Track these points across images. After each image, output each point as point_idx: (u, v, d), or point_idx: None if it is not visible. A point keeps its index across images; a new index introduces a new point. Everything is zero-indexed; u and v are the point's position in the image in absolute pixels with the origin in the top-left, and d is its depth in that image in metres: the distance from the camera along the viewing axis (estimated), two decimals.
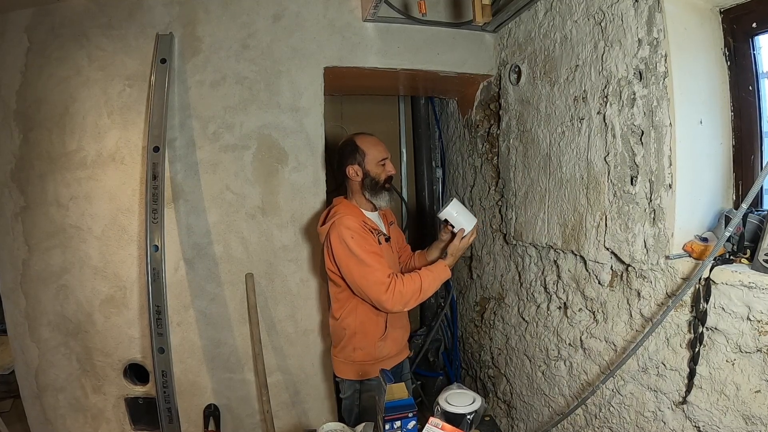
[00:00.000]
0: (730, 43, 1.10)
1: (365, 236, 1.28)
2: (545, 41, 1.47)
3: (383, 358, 1.39)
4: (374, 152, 1.34)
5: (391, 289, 1.24)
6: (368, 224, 1.33)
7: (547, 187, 1.50)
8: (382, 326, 1.37)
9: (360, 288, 1.27)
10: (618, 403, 1.27)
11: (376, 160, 1.33)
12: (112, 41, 1.52)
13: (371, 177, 1.33)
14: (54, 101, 1.52)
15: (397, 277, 1.26)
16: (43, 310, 1.56)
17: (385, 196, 1.36)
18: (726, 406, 0.98)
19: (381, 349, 1.38)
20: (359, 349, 1.37)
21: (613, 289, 1.27)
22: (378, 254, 1.28)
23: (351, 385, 1.41)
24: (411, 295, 1.25)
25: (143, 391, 1.57)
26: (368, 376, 1.37)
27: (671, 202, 1.07)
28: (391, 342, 1.40)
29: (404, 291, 1.24)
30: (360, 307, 1.34)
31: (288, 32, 1.60)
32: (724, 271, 0.96)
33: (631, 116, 1.16)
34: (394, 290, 1.24)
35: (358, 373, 1.38)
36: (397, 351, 1.44)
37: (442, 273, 1.31)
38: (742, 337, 0.94)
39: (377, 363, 1.36)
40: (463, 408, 1.08)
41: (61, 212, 1.53)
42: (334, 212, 1.33)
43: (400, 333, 1.45)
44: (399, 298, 1.24)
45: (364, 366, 1.37)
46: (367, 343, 1.37)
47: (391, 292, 1.24)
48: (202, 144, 1.56)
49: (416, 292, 1.26)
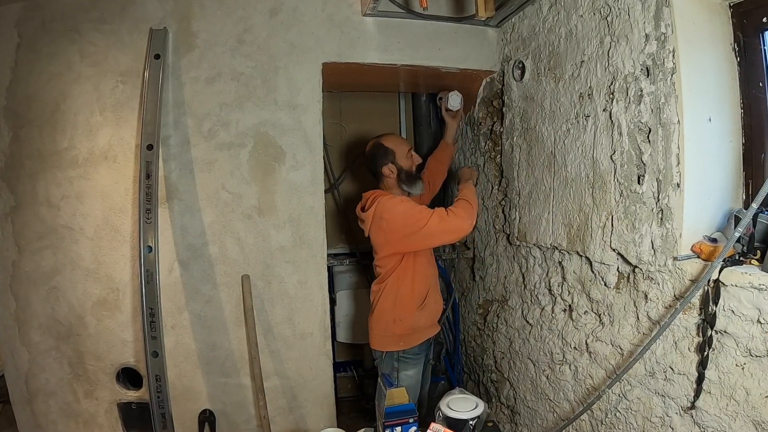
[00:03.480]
0: (740, 39, 1.08)
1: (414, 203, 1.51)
2: (550, 36, 1.44)
3: (421, 329, 1.56)
4: (401, 148, 1.56)
5: (447, 215, 1.41)
6: None
7: (551, 186, 1.48)
8: (423, 294, 1.55)
9: (428, 233, 1.41)
10: (625, 408, 1.25)
11: (404, 153, 1.55)
12: (104, 36, 1.49)
13: (405, 170, 1.56)
14: (45, 98, 1.49)
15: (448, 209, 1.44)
16: (33, 312, 1.52)
17: (420, 183, 1.60)
18: (735, 412, 0.96)
19: (418, 318, 1.55)
20: (398, 321, 1.53)
21: (620, 291, 1.25)
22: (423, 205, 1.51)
23: (390, 358, 1.55)
24: (468, 213, 1.43)
25: (136, 396, 1.55)
26: (409, 345, 1.54)
27: (679, 201, 1.05)
28: (428, 311, 1.58)
29: (459, 214, 1.41)
30: (404, 276, 1.52)
31: (285, 27, 1.57)
32: (733, 272, 0.94)
33: (638, 113, 1.14)
34: (451, 214, 1.41)
35: (398, 343, 1.54)
36: (431, 323, 1.62)
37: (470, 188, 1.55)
38: (752, 340, 0.92)
39: (416, 333, 1.55)
40: (465, 413, 1.07)
41: (52, 212, 1.50)
42: (378, 194, 1.52)
43: (435, 305, 1.62)
44: (458, 221, 1.40)
45: (404, 336, 1.54)
46: (406, 313, 1.53)
47: (449, 216, 1.41)
48: (197, 142, 1.54)
49: (470, 208, 1.45)
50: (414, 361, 1.57)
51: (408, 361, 1.56)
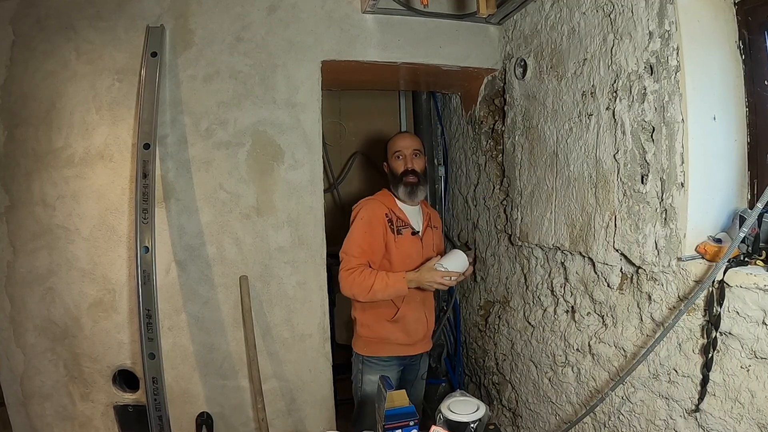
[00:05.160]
0: (745, 36, 1.07)
1: (374, 228, 1.41)
2: (552, 34, 1.43)
3: (391, 342, 1.46)
4: (392, 146, 1.50)
5: (350, 272, 1.35)
6: (395, 214, 1.46)
7: (553, 186, 1.47)
8: (394, 308, 1.45)
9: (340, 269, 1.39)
10: (628, 411, 1.24)
11: (392, 154, 1.49)
12: (100, 34, 1.47)
13: (391, 171, 1.50)
14: (40, 96, 1.47)
15: (364, 269, 1.37)
16: (28, 314, 1.51)
17: (402, 188, 1.45)
18: (740, 414, 0.95)
19: (390, 330, 1.45)
20: (365, 326, 1.47)
21: (623, 292, 1.24)
22: (368, 247, 1.40)
23: (356, 359, 1.50)
24: (359, 288, 1.36)
25: (133, 399, 1.53)
26: (374, 353, 1.46)
27: (683, 201, 1.04)
28: (402, 327, 1.46)
29: (356, 281, 1.35)
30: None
31: (284, 24, 1.56)
32: (738, 273, 0.93)
33: (641, 112, 1.13)
34: (351, 275, 1.35)
35: (363, 348, 1.48)
36: (410, 341, 1.49)
37: (398, 283, 1.36)
38: (758, 342, 0.92)
39: (383, 344, 1.46)
40: (466, 416, 1.05)
41: (47, 212, 1.48)
42: (370, 197, 1.49)
43: (415, 325, 1.49)
44: (348, 284, 1.36)
45: (369, 342, 1.48)
46: (374, 322, 1.46)
47: (348, 274, 1.35)
48: (195, 141, 1.52)
49: (365, 289, 1.35)
50: (380, 369, 1.47)
51: (373, 367, 1.48)
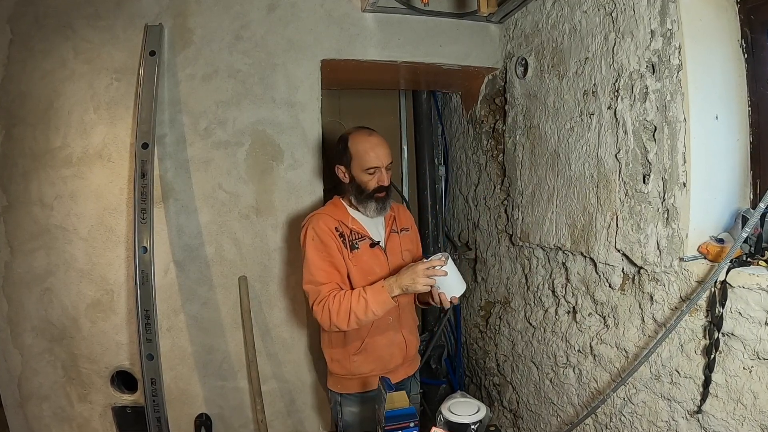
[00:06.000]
0: (748, 35, 1.07)
1: (328, 243, 1.20)
2: (553, 32, 1.42)
3: (364, 375, 1.26)
4: (363, 160, 1.19)
5: (322, 304, 1.14)
6: (346, 226, 1.23)
7: (555, 186, 1.46)
8: (359, 339, 1.24)
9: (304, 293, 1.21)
10: (630, 412, 1.23)
11: (363, 168, 1.19)
12: (98, 33, 1.46)
13: (356, 183, 1.21)
14: (38, 96, 1.46)
15: (336, 293, 1.15)
16: (26, 314, 1.50)
17: (373, 205, 1.21)
18: (743, 416, 0.95)
19: (359, 364, 1.25)
20: (335, 361, 1.28)
21: (625, 293, 1.23)
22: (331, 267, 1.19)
23: (332, 394, 1.32)
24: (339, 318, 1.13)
25: (131, 400, 1.52)
26: (349, 390, 1.28)
27: (685, 201, 1.04)
28: (373, 358, 1.25)
29: (332, 311, 1.13)
30: None
31: (283, 23, 1.55)
32: (741, 273, 0.93)
33: (643, 111, 1.12)
34: (324, 307, 1.14)
35: (336, 385, 1.30)
36: (386, 370, 1.26)
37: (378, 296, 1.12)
38: (760, 343, 0.91)
39: (356, 380, 1.26)
40: (467, 417, 1.04)
41: (45, 212, 1.47)
42: (317, 211, 1.28)
43: (388, 350, 1.27)
44: (326, 319, 1.14)
45: (341, 379, 1.28)
46: (343, 355, 1.26)
47: (321, 307, 1.14)
48: (193, 140, 1.51)
49: (345, 315, 1.13)
50: (359, 401, 1.29)
51: (351, 401, 1.29)
